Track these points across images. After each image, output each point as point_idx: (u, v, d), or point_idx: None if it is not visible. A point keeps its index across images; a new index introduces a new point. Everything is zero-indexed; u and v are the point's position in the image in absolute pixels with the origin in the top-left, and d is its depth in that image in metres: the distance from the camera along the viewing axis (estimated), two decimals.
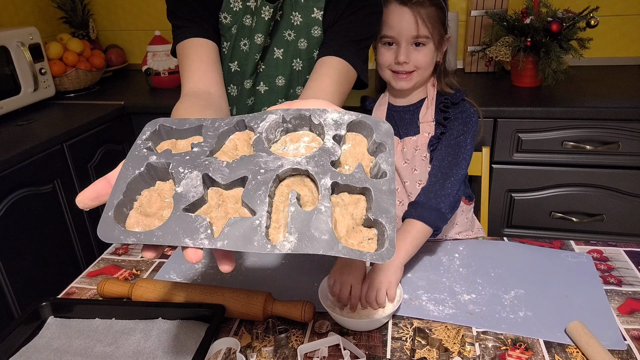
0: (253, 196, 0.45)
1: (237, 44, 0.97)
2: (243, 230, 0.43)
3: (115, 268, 1.00)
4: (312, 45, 0.96)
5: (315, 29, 0.94)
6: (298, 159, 0.48)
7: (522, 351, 0.72)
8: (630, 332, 0.75)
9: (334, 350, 0.74)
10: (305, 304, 0.79)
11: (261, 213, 0.44)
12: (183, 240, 0.42)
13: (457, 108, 1.05)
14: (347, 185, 0.46)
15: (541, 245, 1.00)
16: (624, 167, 1.60)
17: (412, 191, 1.09)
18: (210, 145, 0.50)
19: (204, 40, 0.89)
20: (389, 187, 0.46)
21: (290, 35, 0.95)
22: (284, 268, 0.96)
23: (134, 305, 0.82)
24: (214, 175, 0.47)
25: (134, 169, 0.48)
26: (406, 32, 0.99)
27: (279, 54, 0.96)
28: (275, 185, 0.47)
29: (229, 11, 0.94)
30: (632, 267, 0.91)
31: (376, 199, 0.45)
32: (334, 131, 0.49)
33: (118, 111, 1.84)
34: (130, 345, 0.74)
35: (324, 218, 0.43)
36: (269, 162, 0.48)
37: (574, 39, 1.67)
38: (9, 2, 2.09)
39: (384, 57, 1.04)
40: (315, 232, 0.43)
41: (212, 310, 0.78)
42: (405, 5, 0.98)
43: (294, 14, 0.93)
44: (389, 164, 0.47)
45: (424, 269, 0.93)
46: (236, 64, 0.99)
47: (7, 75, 1.74)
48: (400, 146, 1.08)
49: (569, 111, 1.56)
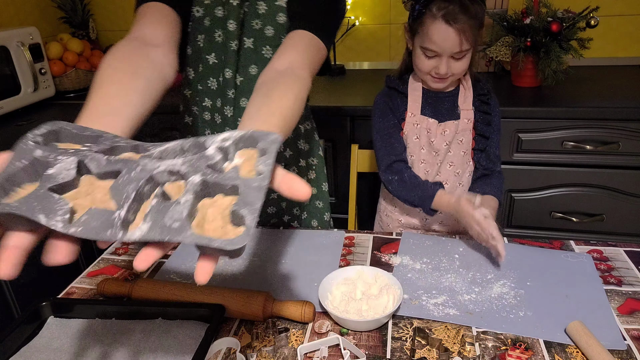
0: (121, 190, 0.44)
1: (212, 35, 0.99)
2: (101, 221, 0.42)
3: (115, 268, 1.00)
4: (279, 32, 0.98)
5: (280, 15, 0.96)
6: (175, 162, 0.47)
7: (522, 351, 0.72)
8: (630, 332, 0.75)
9: (334, 350, 0.74)
10: (305, 304, 0.79)
11: (124, 207, 0.43)
12: (37, 215, 0.41)
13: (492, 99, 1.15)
14: (217, 183, 0.46)
15: (541, 245, 1.00)
16: (624, 167, 1.60)
17: (443, 170, 1.14)
18: (101, 150, 0.49)
19: (167, 7, 0.86)
20: (260, 184, 0.45)
21: (258, 24, 0.97)
22: (284, 268, 0.96)
23: (134, 305, 0.82)
24: (90, 164, 0.46)
25: (17, 160, 0.45)
26: (450, 49, 1.02)
27: (249, 43, 0.99)
28: (150, 186, 0.46)
29: (201, 4, 0.97)
30: (632, 267, 0.91)
31: (243, 193, 0.44)
32: (220, 144, 0.49)
33: None
34: (130, 345, 0.74)
35: (180, 209, 0.43)
36: (148, 164, 0.47)
37: (574, 39, 1.67)
38: (9, 2, 2.09)
39: (424, 65, 1.07)
40: (168, 221, 0.42)
41: (212, 310, 0.78)
42: (450, 26, 0.99)
43: (259, 3, 0.96)
44: (265, 165, 0.46)
45: (424, 269, 0.94)
46: (213, 56, 1.01)
47: (7, 75, 1.74)
48: (441, 129, 1.12)
49: (569, 111, 1.56)
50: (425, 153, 1.14)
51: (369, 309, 0.80)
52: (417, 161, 1.14)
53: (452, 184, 1.14)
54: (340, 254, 1.00)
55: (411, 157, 1.15)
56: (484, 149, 1.14)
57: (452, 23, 0.99)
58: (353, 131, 1.78)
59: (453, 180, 1.14)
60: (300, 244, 1.04)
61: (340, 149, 1.82)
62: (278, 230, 1.11)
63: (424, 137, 1.13)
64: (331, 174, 1.88)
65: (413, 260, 0.96)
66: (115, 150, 0.51)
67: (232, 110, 1.05)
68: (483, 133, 1.13)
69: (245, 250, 1.01)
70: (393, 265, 0.95)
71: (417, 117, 1.13)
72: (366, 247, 1.02)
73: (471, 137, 1.12)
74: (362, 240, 1.05)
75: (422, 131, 1.13)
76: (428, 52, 1.04)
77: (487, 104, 1.13)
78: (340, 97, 1.84)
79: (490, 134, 1.13)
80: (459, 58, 1.04)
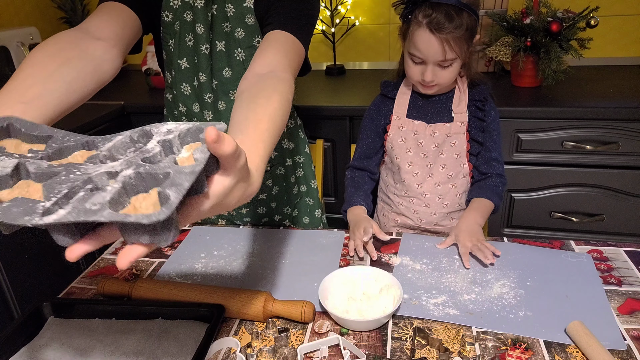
0: (54, 187, 0.44)
1: (182, 40, 0.99)
2: (23, 208, 0.41)
3: (115, 268, 1.00)
4: (249, 34, 0.97)
5: (249, 17, 0.95)
6: (114, 164, 0.47)
7: (522, 351, 0.72)
8: (630, 332, 0.75)
9: (334, 350, 0.74)
10: (305, 304, 0.79)
11: (51, 200, 0.42)
12: None
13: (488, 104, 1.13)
14: (150, 174, 0.45)
15: (541, 245, 1.00)
16: (624, 167, 1.60)
17: (435, 172, 1.14)
18: (46, 155, 0.49)
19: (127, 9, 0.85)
20: (193, 169, 0.44)
21: (228, 27, 0.97)
22: (284, 268, 0.96)
23: (134, 305, 0.82)
24: (30, 166, 0.46)
25: None
26: (433, 57, 1.02)
27: (221, 46, 0.99)
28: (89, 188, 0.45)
29: (170, 9, 0.96)
30: (632, 267, 0.91)
31: (172, 177, 0.43)
32: (163, 137, 0.49)
33: (118, 111, 1.85)
34: (130, 345, 0.74)
35: (103, 194, 0.42)
36: (89, 169, 0.46)
37: (574, 39, 1.67)
38: (9, 2, 2.09)
39: (412, 72, 1.08)
40: (88, 205, 0.41)
41: (212, 310, 0.78)
42: (433, 34, 0.99)
43: (228, 6, 0.95)
44: (202, 153, 0.46)
45: (424, 269, 0.94)
46: (185, 60, 1.01)
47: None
48: (430, 130, 1.12)
49: (569, 111, 1.56)
50: (412, 155, 1.14)
51: (369, 309, 0.81)
52: (404, 163, 1.15)
53: (445, 186, 1.14)
54: (340, 254, 1.00)
55: (397, 160, 1.15)
56: (477, 153, 1.15)
57: (435, 32, 0.98)
58: (353, 131, 1.78)
59: (446, 182, 1.14)
60: (300, 244, 1.04)
61: (340, 149, 1.82)
62: (278, 230, 1.11)
63: (410, 140, 1.13)
64: (331, 174, 1.88)
65: (413, 261, 0.96)
66: (64, 152, 0.50)
67: (211, 114, 1.05)
68: (476, 138, 1.13)
69: (246, 250, 1.02)
70: (393, 265, 0.95)
71: (402, 120, 1.14)
72: None
73: (465, 140, 1.12)
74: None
75: (408, 134, 1.13)
76: (415, 58, 1.05)
77: (482, 110, 1.12)
78: (340, 97, 1.84)
79: (484, 140, 1.13)
80: (445, 66, 1.04)
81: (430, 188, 1.15)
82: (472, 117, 1.12)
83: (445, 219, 1.18)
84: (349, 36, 2.26)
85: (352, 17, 2.21)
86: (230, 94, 1.02)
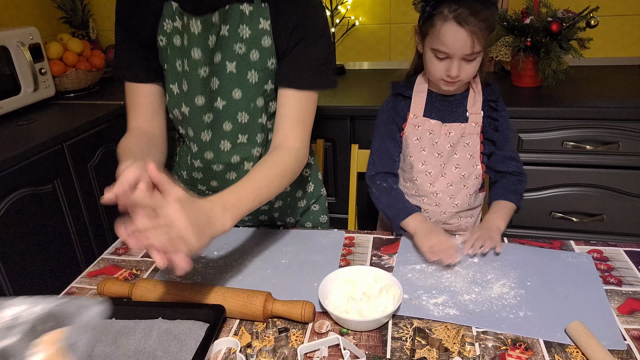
0: None
1: (172, 64, 0.96)
2: None
3: (115, 268, 1.00)
4: (265, 55, 0.95)
5: (265, 38, 0.93)
6: None
7: (522, 351, 0.72)
8: (630, 332, 0.75)
9: (334, 350, 0.74)
10: (305, 304, 0.79)
11: None
12: None
13: (500, 104, 1.14)
14: None
15: (541, 245, 1.00)
16: (624, 167, 1.60)
17: (448, 172, 1.14)
18: None
19: (150, 86, 1.00)
20: None
21: (242, 49, 0.93)
22: (284, 268, 0.96)
23: (134, 305, 0.82)
24: None
25: None
26: (460, 51, 1.01)
27: (231, 67, 0.95)
28: None
29: (164, 33, 0.94)
30: (632, 267, 0.91)
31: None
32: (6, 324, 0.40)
33: (118, 111, 1.84)
34: (130, 345, 0.74)
35: None
36: None
37: (574, 39, 1.67)
38: (9, 2, 2.09)
39: (435, 69, 1.06)
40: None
41: (212, 310, 0.78)
42: (462, 27, 0.98)
43: (242, 27, 0.92)
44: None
45: (424, 269, 0.93)
46: (176, 85, 0.98)
47: (7, 75, 1.74)
48: (445, 129, 1.12)
49: (569, 111, 1.56)
50: (426, 154, 1.13)
51: (369, 309, 0.80)
52: (417, 162, 1.14)
53: (457, 186, 1.14)
54: (340, 254, 1.00)
55: (410, 158, 1.15)
56: (490, 154, 1.15)
57: (463, 24, 0.98)
58: (353, 131, 1.78)
59: (459, 182, 1.14)
60: (301, 244, 1.04)
61: (340, 149, 1.82)
62: (278, 230, 1.11)
63: (425, 139, 1.13)
64: (331, 174, 1.88)
65: (413, 261, 0.96)
66: None
67: (210, 133, 1.01)
68: (490, 138, 1.13)
69: (246, 250, 1.02)
70: (393, 265, 0.95)
71: (419, 119, 1.13)
72: (366, 247, 1.02)
73: (479, 141, 1.12)
74: (362, 240, 1.05)
75: (423, 133, 1.13)
76: (439, 54, 1.03)
77: (495, 110, 1.13)
78: (340, 97, 1.84)
79: (498, 139, 1.14)
80: (470, 60, 1.03)
81: (442, 188, 1.14)
82: (486, 116, 1.13)
83: (453, 218, 1.18)
84: (349, 36, 2.26)
85: (352, 17, 2.21)
86: (239, 115, 0.99)
